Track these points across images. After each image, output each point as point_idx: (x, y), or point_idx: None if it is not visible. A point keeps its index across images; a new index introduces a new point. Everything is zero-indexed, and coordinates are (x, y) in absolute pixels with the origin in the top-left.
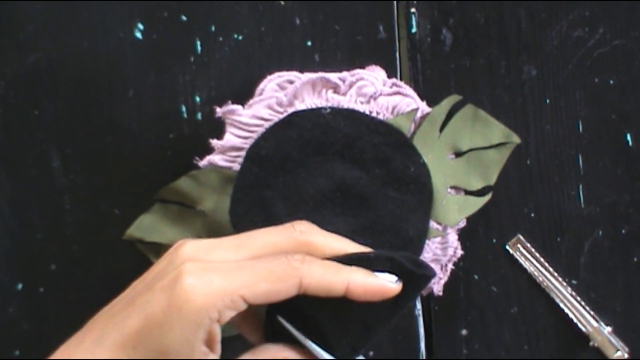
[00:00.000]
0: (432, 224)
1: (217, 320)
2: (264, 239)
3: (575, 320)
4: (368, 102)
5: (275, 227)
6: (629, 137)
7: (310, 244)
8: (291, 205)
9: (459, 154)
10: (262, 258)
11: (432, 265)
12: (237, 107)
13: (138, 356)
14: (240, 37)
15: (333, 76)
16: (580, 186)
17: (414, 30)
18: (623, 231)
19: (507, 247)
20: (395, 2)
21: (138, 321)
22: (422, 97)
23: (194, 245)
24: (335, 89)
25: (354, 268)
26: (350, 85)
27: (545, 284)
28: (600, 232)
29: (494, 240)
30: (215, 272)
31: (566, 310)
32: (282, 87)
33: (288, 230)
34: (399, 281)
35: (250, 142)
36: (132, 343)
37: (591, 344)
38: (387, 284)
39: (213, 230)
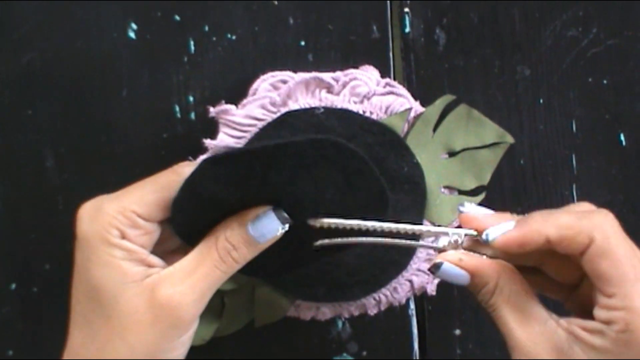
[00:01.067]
0: (426, 224)
1: (124, 237)
2: (150, 180)
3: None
4: (361, 102)
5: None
6: (622, 137)
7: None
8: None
9: (452, 154)
10: (149, 178)
11: (426, 265)
12: (231, 107)
13: (81, 303)
14: (234, 37)
15: (326, 76)
16: (574, 186)
17: (407, 30)
18: None
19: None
20: (388, 2)
21: (73, 277)
22: (415, 97)
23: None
24: (329, 88)
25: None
26: (344, 85)
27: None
28: None
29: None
30: (107, 198)
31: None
32: (275, 87)
33: (172, 170)
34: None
35: (243, 142)
36: (74, 298)
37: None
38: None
39: None
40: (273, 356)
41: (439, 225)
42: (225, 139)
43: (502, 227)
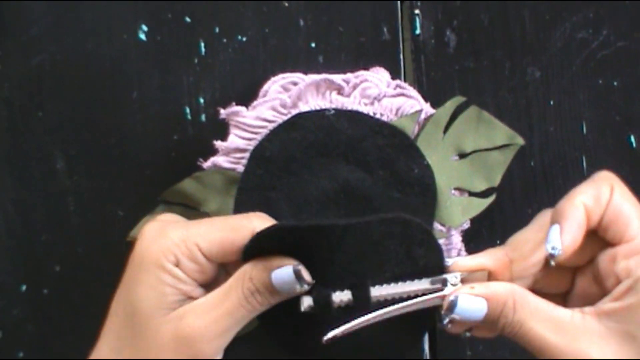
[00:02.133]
0: (436, 226)
1: (178, 265)
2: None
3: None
4: (372, 103)
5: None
6: (632, 139)
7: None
8: (295, 206)
9: (462, 156)
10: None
11: None
12: (241, 109)
13: (118, 317)
14: (244, 39)
15: (337, 78)
16: None
17: (417, 31)
18: None
19: None
20: (399, 3)
21: (118, 289)
22: (426, 99)
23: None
24: (339, 90)
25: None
26: (354, 87)
27: None
28: None
29: (498, 242)
30: (174, 225)
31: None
32: (286, 89)
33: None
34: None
35: (254, 143)
36: (113, 309)
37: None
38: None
39: None
40: (276, 356)
41: (449, 227)
42: (235, 141)
43: (555, 237)
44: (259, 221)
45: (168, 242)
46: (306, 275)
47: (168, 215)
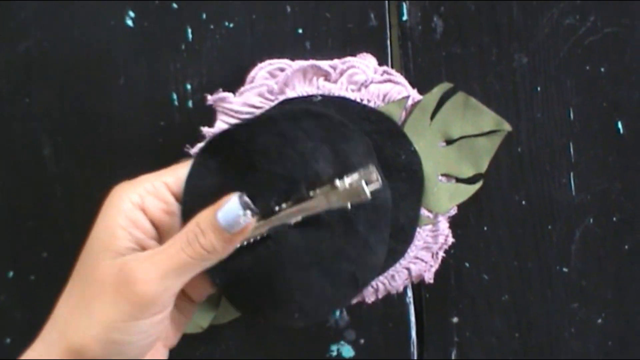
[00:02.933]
0: (423, 212)
1: (140, 206)
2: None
3: None
4: (359, 89)
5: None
6: (620, 125)
7: None
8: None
9: (450, 142)
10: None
11: (423, 252)
12: (228, 95)
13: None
14: (231, 25)
15: (324, 64)
16: (572, 174)
17: (405, 18)
18: (614, 219)
19: None
20: None
21: None
22: (413, 85)
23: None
24: (326, 76)
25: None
26: (341, 73)
27: None
28: (592, 220)
29: (485, 228)
30: (142, 177)
31: None
32: (273, 75)
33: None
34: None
35: None
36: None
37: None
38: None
39: None
40: (271, 344)
41: (436, 213)
42: (222, 127)
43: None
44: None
45: (135, 184)
46: (250, 202)
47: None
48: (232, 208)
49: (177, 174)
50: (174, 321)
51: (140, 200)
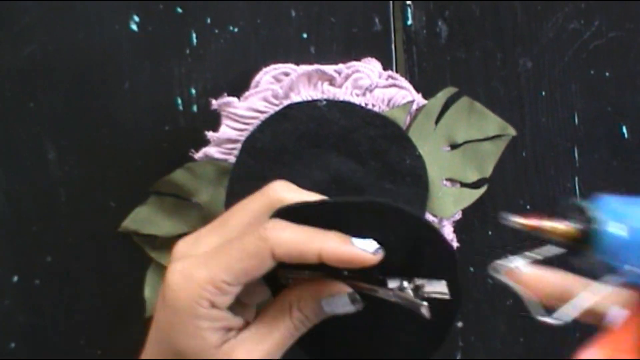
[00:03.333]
0: (428, 216)
1: (213, 306)
2: (241, 208)
3: None
4: (364, 94)
5: (252, 194)
6: (624, 129)
7: (282, 200)
8: None
9: (454, 146)
10: (237, 236)
11: None
12: (233, 100)
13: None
14: (236, 29)
15: (329, 68)
16: (576, 178)
17: (409, 22)
18: None
19: None
20: None
21: (152, 332)
22: (417, 90)
23: (183, 241)
24: (331, 81)
25: (329, 233)
26: (346, 78)
27: None
28: None
29: (490, 233)
30: (196, 264)
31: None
32: (277, 80)
33: (262, 193)
34: (380, 250)
35: (245, 134)
36: (149, 351)
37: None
38: (362, 253)
39: (209, 222)
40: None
41: (440, 218)
42: (227, 132)
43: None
44: (275, 236)
45: (197, 289)
46: (359, 299)
47: (190, 237)
48: (341, 303)
49: (231, 268)
50: None
51: (210, 303)
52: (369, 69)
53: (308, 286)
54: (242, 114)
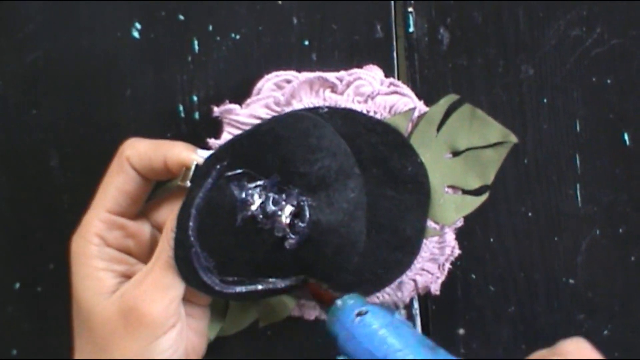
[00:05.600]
0: (430, 223)
1: (106, 244)
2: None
3: None
4: (365, 101)
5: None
6: (626, 137)
7: (128, 156)
8: None
9: (456, 154)
10: None
11: (430, 264)
12: (235, 107)
13: (75, 317)
14: (238, 37)
15: (330, 75)
16: (578, 185)
17: (411, 29)
18: (620, 230)
19: None
20: (392, 1)
21: None
22: (419, 97)
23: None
24: (333, 88)
25: (177, 143)
26: (348, 85)
27: None
28: (598, 232)
29: (492, 240)
30: (83, 218)
31: None
32: (279, 87)
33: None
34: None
35: None
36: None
37: None
38: (196, 157)
39: None
40: (277, 356)
41: (442, 225)
42: (229, 138)
43: None
44: (129, 148)
45: (86, 227)
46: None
47: None
48: None
49: (108, 195)
50: (192, 329)
51: (101, 239)
52: (371, 76)
53: (175, 208)
54: (243, 121)
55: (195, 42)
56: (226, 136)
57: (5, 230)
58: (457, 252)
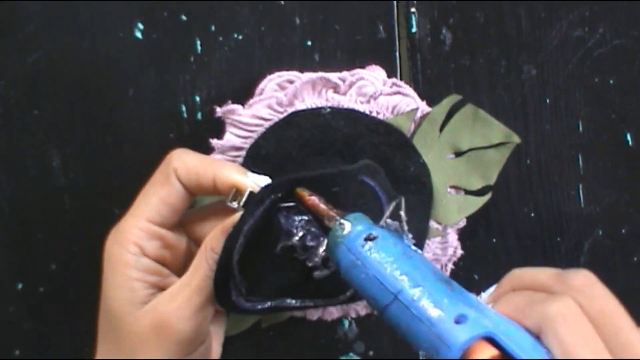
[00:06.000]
0: (432, 224)
1: (143, 253)
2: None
3: None
4: (368, 101)
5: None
6: (629, 137)
7: (176, 169)
8: None
9: (459, 154)
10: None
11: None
12: (237, 107)
13: (101, 322)
14: (240, 37)
15: (333, 76)
16: (580, 186)
17: (414, 29)
18: (623, 231)
19: None
20: (395, 1)
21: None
22: (422, 97)
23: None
24: (335, 88)
25: (227, 163)
26: (350, 85)
27: None
28: (600, 232)
29: (494, 240)
30: (122, 220)
31: None
32: (282, 87)
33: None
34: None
35: (250, 142)
36: (100, 316)
37: None
38: (251, 184)
39: None
40: (279, 356)
41: (445, 225)
42: (231, 139)
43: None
44: (176, 159)
45: (124, 235)
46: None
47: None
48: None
49: (153, 206)
50: (212, 334)
51: (139, 249)
52: (373, 76)
53: (215, 224)
54: (246, 121)
55: (198, 43)
56: (229, 137)
57: (7, 231)
58: (459, 252)
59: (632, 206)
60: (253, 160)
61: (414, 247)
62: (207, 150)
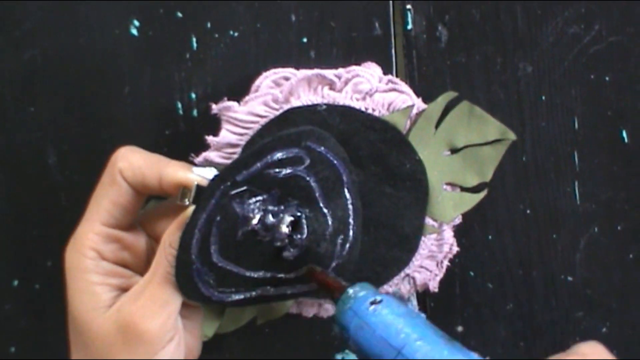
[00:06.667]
0: (428, 221)
1: (101, 257)
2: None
3: None
4: (364, 98)
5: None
6: (624, 134)
7: (121, 169)
8: None
9: (454, 151)
10: None
11: (428, 261)
12: (233, 104)
13: (70, 331)
14: (236, 34)
15: (329, 73)
16: (576, 183)
17: (409, 27)
18: (619, 228)
19: None
20: None
21: None
22: (417, 94)
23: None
24: (331, 85)
25: (173, 161)
26: (346, 82)
27: None
28: (596, 229)
29: (490, 237)
30: (77, 228)
31: None
32: (277, 84)
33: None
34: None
35: (246, 138)
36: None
37: None
38: (198, 178)
39: None
40: (275, 353)
41: (441, 222)
42: (227, 136)
43: None
44: (121, 160)
45: (80, 241)
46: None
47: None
48: None
49: (102, 207)
50: (187, 330)
51: (96, 253)
52: (369, 73)
53: (173, 220)
54: (242, 118)
55: (194, 40)
56: (225, 134)
57: (3, 228)
58: (455, 249)
59: (627, 203)
60: None
61: (414, 309)
62: (203, 147)
